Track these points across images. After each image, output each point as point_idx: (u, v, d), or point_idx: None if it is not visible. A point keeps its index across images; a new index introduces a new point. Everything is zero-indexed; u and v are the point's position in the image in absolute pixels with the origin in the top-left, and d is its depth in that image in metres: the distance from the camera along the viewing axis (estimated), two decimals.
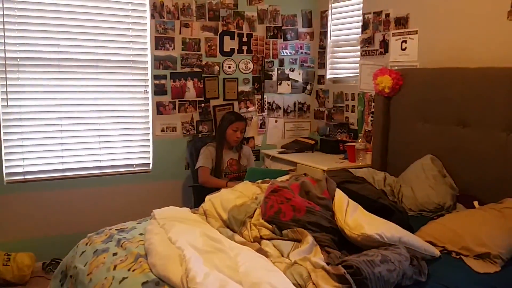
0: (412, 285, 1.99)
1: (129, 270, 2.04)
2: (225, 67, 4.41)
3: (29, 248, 3.69)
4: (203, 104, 4.34)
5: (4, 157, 3.64)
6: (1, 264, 3.47)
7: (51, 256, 3.78)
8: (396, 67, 3.70)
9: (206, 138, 4.28)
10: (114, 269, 2.08)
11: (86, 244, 2.43)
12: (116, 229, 2.55)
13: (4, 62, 3.57)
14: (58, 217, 3.84)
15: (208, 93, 4.35)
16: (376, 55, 4.01)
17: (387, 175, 3.38)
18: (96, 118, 3.96)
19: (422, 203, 3.00)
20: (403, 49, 3.73)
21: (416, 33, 3.62)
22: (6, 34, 3.55)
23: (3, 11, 3.52)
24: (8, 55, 3.58)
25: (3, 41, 3.54)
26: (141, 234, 2.43)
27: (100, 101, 3.96)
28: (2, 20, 3.52)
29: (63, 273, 2.45)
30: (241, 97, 4.53)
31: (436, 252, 2.27)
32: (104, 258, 2.20)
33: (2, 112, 3.61)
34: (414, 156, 3.32)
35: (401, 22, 3.75)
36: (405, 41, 3.71)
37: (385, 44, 3.91)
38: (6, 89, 3.60)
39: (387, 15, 3.88)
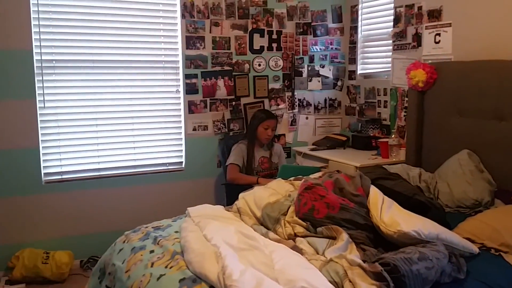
0: (450, 282, 1.96)
1: (166, 267, 2.07)
2: (255, 64, 4.42)
3: (67, 246, 3.79)
4: (234, 102, 4.37)
5: (42, 158, 3.74)
6: (41, 262, 3.57)
7: (88, 254, 3.87)
8: (429, 61, 3.64)
9: (237, 136, 4.31)
10: (152, 266, 2.11)
11: (124, 242, 2.48)
12: (152, 227, 2.60)
13: (40, 65, 3.67)
14: (94, 216, 3.93)
15: (238, 91, 4.37)
16: (408, 49, 3.95)
17: (422, 171, 3.33)
18: (129, 118, 4.03)
19: (459, 199, 2.94)
20: (436, 42, 3.66)
21: (450, 26, 3.55)
22: (42, 37, 3.65)
23: (38, 15, 3.61)
24: (44, 57, 3.68)
25: (39, 44, 3.64)
26: (176, 231, 2.46)
27: (133, 101, 4.03)
28: (37, 23, 3.62)
29: (101, 271, 2.50)
30: (272, 95, 4.54)
31: (475, 248, 2.23)
32: (142, 255, 2.24)
33: (39, 114, 3.71)
34: (450, 151, 3.26)
35: (434, 14, 3.68)
36: (439, 34, 3.64)
37: (418, 38, 3.85)
38: (43, 91, 3.70)
39: (420, 7, 3.82)
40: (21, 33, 3.56)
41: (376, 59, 4.51)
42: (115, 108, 3.98)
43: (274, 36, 4.47)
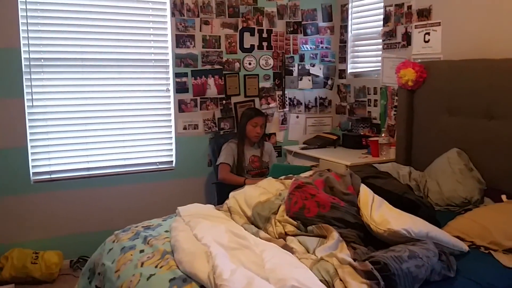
0: (440, 280, 1.97)
1: (156, 267, 2.06)
2: (246, 63, 4.41)
3: (57, 246, 3.76)
4: (224, 101, 4.35)
5: (30, 157, 3.70)
6: (30, 262, 3.53)
7: (78, 254, 3.84)
8: (419, 60, 3.65)
9: (227, 135, 4.30)
10: (142, 266, 2.10)
11: (113, 242, 2.46)
12: (142, 227, 2.58)
13: (28, 63, 3.63)
14: (84, 215, 3.90)
15: (229, 90, 4.36)
16: (398, 48, 3.97)
17: (412, 170, 3.35)
18: (119, 117, 4.00)
19: (449, 198, 2.96)
20: (426, 41, 3.68)
21: (439, 25, 3.56)
22: (30, 35, 3.61)
23: (26, 13, 3.57)
24: (32, 56, 3.64)
25: (27, 42, 3.60)
26: (166, 231, 2.45)
27: (123, 100, 4.00)
28: (25, 21, 3.58)
29: (91, 271, 2.49)
30: (262, 93, 4.53)
31: (465, 247, 2.24)
32: (131, 255, 2.23)
33: (28, 113, 3.67)
34: (440, 150, 3.28)
35: (424, 13, 3.69)
36: (428, 33, 3.65)
37: (407, 37, 3.87)
38: (31, 90, 3.66)
39: (409, 7, 3.83)
40: (9, 31, 3.52)
41: (366, 58, 4.52)
42: (105, 106, 3.95)
43: (265, 35, 4.46)
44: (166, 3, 4.05)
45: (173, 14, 4.06)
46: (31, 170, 3.72)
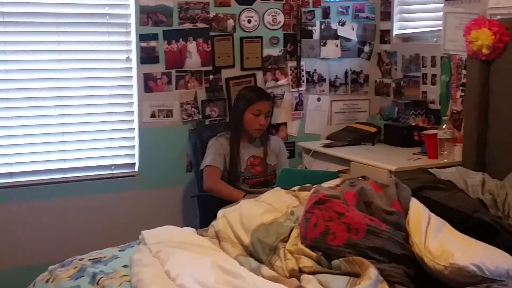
0: None
1: None
2: (243, 21, 4.42)
3: None
4: (211, 76, 4.37)
5: None
6: None
7: None
8: (498, 16, 3.66)
9: (216, 125, 4.32)
10: None
11: (47, 281, 2.47)
12: (89, 259, 2.59)
13: None
14: (3, 243, 3.90)
15: (218, 60, 4.38)
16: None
17: (487, 178, 3.34)
18: (57, 99, 4.02)
19: None
20: None
21: None
22: None
23: None
24: None
25: None
26: (125, 266, 2.46)
27: (61, 74, 4.01)
28: None
29: None
30: (268, 65, 4.54)
31: None
32: None
33: None
34: None
35: None
36: None
37: None
38: None
39: None
40: None
41: (420, 14, 4.53)
42: (34, 84, 3.95)
43: None
44: None
45: None
46: None
